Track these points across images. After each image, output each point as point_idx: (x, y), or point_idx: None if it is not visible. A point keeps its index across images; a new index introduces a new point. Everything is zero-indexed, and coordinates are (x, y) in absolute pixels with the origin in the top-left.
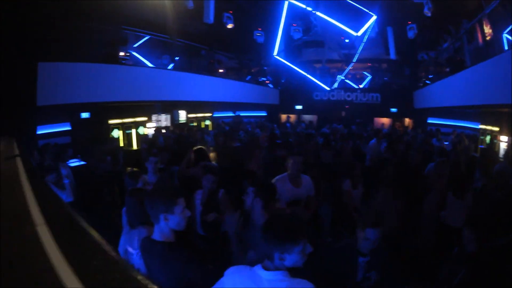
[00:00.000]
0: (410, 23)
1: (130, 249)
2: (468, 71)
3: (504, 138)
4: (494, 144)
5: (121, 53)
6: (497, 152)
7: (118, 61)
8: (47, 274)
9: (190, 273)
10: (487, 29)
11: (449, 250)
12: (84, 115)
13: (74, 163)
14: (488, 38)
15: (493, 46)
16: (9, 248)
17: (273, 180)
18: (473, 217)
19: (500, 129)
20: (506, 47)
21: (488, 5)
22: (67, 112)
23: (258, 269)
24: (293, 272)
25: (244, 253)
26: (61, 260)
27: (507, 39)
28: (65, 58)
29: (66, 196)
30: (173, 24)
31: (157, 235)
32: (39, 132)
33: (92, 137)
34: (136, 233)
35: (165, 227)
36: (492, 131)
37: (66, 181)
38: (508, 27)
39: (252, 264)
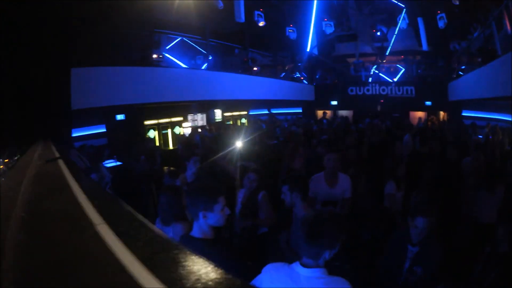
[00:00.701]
0: (439, 13)
1: None
2: (499, 60)
3: None
4: None
5: (154, 56)
6: None
7: (151, 63)
8: (119, 274)
9: (230, 269)
10: None
11: (481, 249)
12: (119, 117)
13: (110, 163)
14: None
15: None
16: (75, 251)
17: (310, 180)
18: (506, 213)
19: None
20: None
21: None
22: (103, 115)
23: (296, 266)
24: (334, 270)
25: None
26: (130, 257)
27: None
28: (99, 62)
29: None
30: (205, 24)
31: (196, 232)
32: (75, 134)
33: (128, 138)
34: (170, 230)
35: (203, 224)
36: None
37: (107, 180)
38: None
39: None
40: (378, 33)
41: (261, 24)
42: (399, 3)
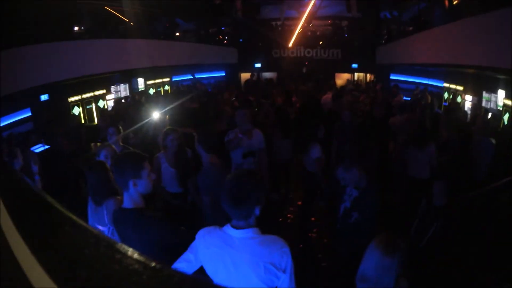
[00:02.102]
0: None
1: (100, 227)
2: (435, 30)
3: (468, 97)
4: (458, 102)
5: (76, 28)
6: (462, 109)
7: (73, 36)
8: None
9: (164, 236)
10: None
11: (417, 203)
12: (43, 97)
13: (39, 148)
14: (455, 2)
15: (462, 10)
16: None
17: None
18: (440, 170)
19: (464, 88)
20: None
21: None
22: (28, 97)
23: (228, 229)
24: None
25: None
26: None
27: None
28: (22, 42)
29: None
30: None
31: (127, 203)
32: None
33: (53, 119)
34: (103, 209)
35: (134, 193)
36: (456, 89)
37: (34, 168)
38: None
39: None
40: None
41: None
42: None
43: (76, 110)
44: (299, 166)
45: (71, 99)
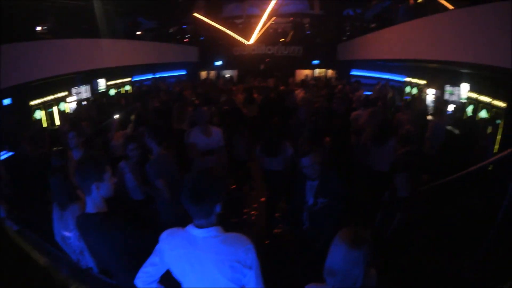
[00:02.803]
0: None
1: (66, 234)
2: (398, 27)
3: (431, 91)
4: (420, 96)
5: (38, 28)
6: (423, 102)
7: (37, 36)
8: None
9: (128, 240)
10: None
11: (380, 195)
12: (6, 101)
13: (3, 155)
14: (420, 0)
15: (425, 8)
16: None
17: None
18: (401, 163)
19: (427, 82)
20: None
21: None
22: None
23: (191, 229)
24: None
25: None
26: None
27: (442, 3)
28: None
29: None
30: None
31: (90, 208)
32: None
33: (17, 123)
34: (68, 214)
35: (97, 197)
36: (418, 84)
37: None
38: None
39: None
40: None
41: None
42: None
43: (38, 114)
44: (258, 163)
45: (32, 103)
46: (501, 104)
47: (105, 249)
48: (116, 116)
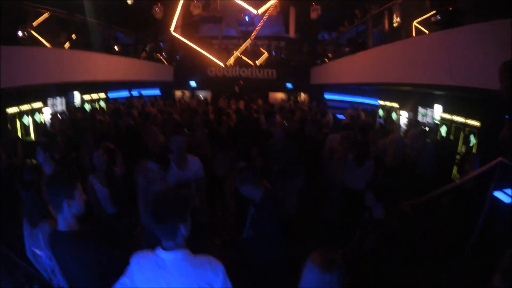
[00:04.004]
0: (314, 5)
1: (37, 251)
2: (372, 51)
3: (404, 113)
4: (393, 118)
5: (20, 33)
6: (396, 125)
7: (17, 41)
8: None
9: (100, 260)
10: (396, 17)
11: (359, 216)
12: None
13: None
14: (395, 25)
15: (400, 32)
16: None
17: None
18: (374, 183)
19: (400, 105)
20: (414, 34)
21: None
22: None
23: (159, 252)
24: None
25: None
26: None
27: (416, 27)
28: None
29: None
30: None
31: (62, 226)
32: None
33: None
34: (39, 232)
35: (68, 215)
36: (391, 107)
37: None
38: (419, 17)
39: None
40: (246, 18)
41: (129, 1)
42: None
43: (13, 123)
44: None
45: (9, 110)
46: (475, 123)
47: (76, 268)
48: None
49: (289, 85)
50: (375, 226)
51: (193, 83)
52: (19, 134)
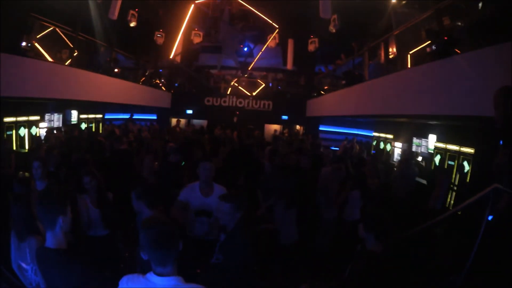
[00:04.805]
0: (312, 37)
1: (23, 265)
2: (368, 84)
3: (398, 144)
4: (387, 150)
5: (23, 43)
6: (390, 155)
7: (21, 52)
8: None
9: (88, 281)
10: (392, 49)
11: (353, 247)
12: None
13: None
14: (391, 56)
15: (395, 64)
16: None
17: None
18: (365, 214)
19: (394, 136)
20: (409, 65)
21: (397, 28)
22: None
23: (151, 276)
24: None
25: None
26: None
27: (412, 58)
28: None
29: None
30: (79, 15)
31: (50, 242)
32: None
33: None
34: (26, 246)
35: (59, 232)
36: (386, 138)
37: None
38: (412, 48)
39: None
40: (245, 49)
41: (132, 24)
42: (273, 24)
43: (10, 133)
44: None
45: (6, 119)
46: (469, 150)
47: (63, 286)
48: None
49: (285, 117)
50: (367, 258)
51: (189, 111)
52: (14, 145)
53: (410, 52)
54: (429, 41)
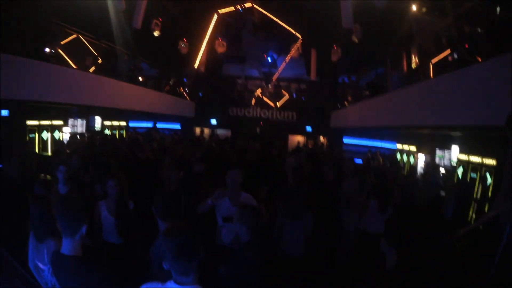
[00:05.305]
0: (335, 47)
1: (40, 265)
2: (390, 94)
3: (421, 156)
4: (410, 162)
5: (47, 49)
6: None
7: (44, 57)
8: None
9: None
10: (414, 58)
11: (373, 259)
12: (4, 112)
13: None
14: (413, 66)
15: (418, 74)
16: None
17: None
18: (388, 227)
19: (417, 148)
20: (431, 74)
21: (418, 36)
22: None
23: (171, 285)
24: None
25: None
26: None
27: (434, 67)
28: None
29: None
30: (103, 23)
31: (67, 249)
32: None
33: (10, 138)
34: (44, 247)
35: (78, 239)
36: (409, 150)
37: None
38: (435, 57)
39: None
40: (269, 59)
41: (156, 33)
42: (296, 33)
43: (32, 135)
44: None
45: (29, 122)
46: (492, 162)
47: None
48: None
49: (308, 128)
50: (387, 272)
51: (213, 121)
52: (37, 148)
53: (432, 62)
54: (449, 50)
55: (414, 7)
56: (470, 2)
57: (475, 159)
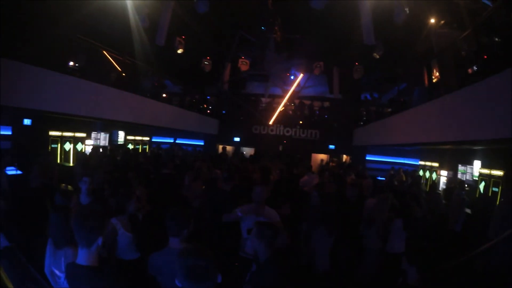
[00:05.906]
0: (357, 64)
1: (57, 272)
2: (412, 110)
3: (444, 172)
4: (433, 178)
5: (71, 63)
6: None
7: (68, 71)
8: None
9: None
10: (435, 72)
11: (394, 279)
12: (26, 121)
13: (10, 171)
14: (435, 80)
15: (439, 88)
16: None
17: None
18: (409, 246)
19: (440, 164)
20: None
21: (438, 49)
22: (11, 116)
23: None
24: None
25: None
26: None
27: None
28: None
29: None
30: (126, 39)
31: (82, 260)
32: None
33: (32, 147)
34: (62, 254)
35: (94, 250)
36: (432, 166)
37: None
38: (456, 70)
39: None
40: (292, 77)
41: (179, 51)
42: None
43: (55, 146)
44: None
45: (52, 133)
46: None
47: None
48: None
49: (332, 146)
50: None
51: (237, 139)
52: (59, 159)
53: (453, 76)
54: (469, 62)
55: (432, 20)
56: (487, 13)
57: (497, 173)
